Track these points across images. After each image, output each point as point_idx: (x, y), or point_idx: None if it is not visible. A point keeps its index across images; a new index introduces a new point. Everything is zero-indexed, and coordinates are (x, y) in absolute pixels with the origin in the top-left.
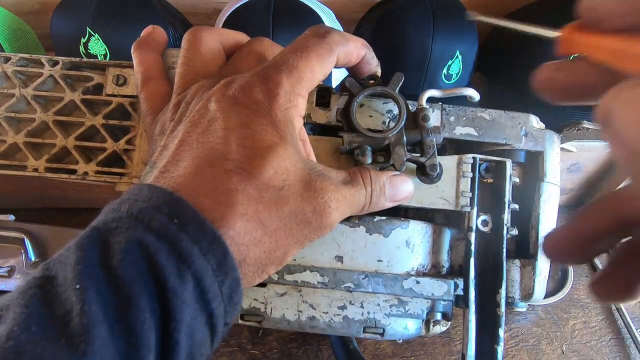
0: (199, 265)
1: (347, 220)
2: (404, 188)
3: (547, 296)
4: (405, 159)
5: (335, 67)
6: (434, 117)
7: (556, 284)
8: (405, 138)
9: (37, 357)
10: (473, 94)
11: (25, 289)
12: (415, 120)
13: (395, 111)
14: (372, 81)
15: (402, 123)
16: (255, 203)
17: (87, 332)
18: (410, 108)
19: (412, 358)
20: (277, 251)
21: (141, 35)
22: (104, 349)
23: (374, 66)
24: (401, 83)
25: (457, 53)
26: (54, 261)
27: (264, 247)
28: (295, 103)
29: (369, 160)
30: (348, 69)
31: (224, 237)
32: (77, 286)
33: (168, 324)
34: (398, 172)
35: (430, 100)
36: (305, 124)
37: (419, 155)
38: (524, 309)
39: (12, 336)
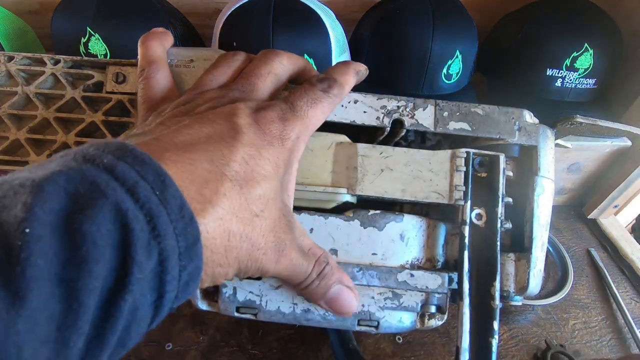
0: (169, 245)
1: (342, 213)
2: (345, 302)
3: (547, 296)
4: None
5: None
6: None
7: (556, 284)
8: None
9: None
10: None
11: None
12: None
13: (389, 106)
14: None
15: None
16: (232, 215)
17: (27, 289)
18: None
19: (412, 358)
20: (228, 268)
21: (150, 31)
22: (40, 310)
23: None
24: None
25: (457, 53)
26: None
27: (219, 259)
28: (298, 148)
29: None
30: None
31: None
32: (27, 230)
33: (117, 293)
34: (351, 288)
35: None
36: None
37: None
38: (519, 303)
39: None
